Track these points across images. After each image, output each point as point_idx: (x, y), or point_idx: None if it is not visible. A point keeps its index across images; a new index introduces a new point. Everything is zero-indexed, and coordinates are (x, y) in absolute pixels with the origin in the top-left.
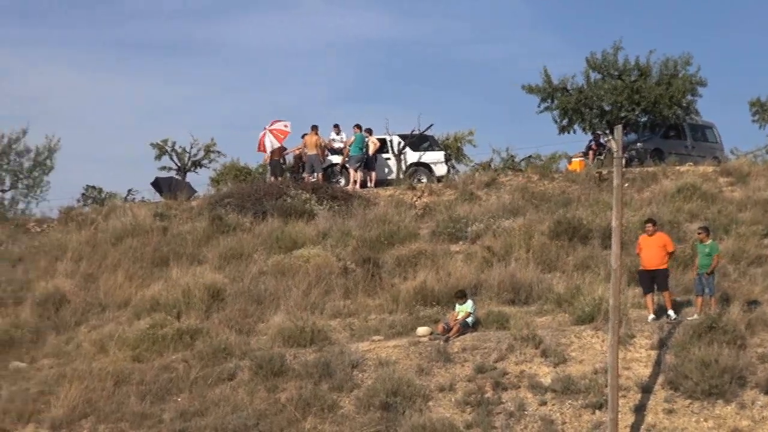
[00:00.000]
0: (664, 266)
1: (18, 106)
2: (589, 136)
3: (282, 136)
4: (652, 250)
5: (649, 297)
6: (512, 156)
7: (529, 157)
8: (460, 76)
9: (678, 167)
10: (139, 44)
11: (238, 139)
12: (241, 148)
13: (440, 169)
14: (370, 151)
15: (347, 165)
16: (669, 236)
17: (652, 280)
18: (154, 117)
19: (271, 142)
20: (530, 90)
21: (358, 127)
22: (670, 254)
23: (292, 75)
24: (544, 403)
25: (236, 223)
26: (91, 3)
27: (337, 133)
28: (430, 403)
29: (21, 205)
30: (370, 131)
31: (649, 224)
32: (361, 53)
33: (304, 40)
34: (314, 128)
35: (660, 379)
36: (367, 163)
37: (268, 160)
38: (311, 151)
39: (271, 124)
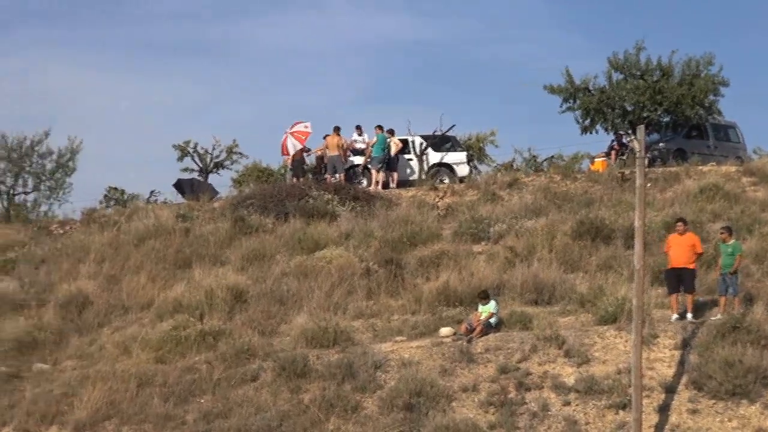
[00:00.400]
0: (692, 266)
1: (40, 107)
2: (612, 136)
3: (303, 137)
4: (680, 249)
5: (674, 297)
6: (534, 156)
7: (552, 157)
8: (482, 76)
9: (701, 167)
10: (162, 45)
11: (260, 141)
12: (263, 150)
13: (462, 170)
14: (392, 152)
15: (369, 166)
16: (699, 237)
17: (678, 280)
18: (176, 118)
19: (293, 145)
20: (552, 90)
21: (380, 128)
22: (699, 255)
23: (314, 76)
24: (567, 404)
25: (258, 225)
26: (115, 3)
27: (359, 134)
28: (454, 404)
29: (44, 207)
30: (392, 132)
31: (680, 223)
32: (382, 54)
33: (325, 40)
34: (336, 129)
35: (684, 379)
36: (389, 163)
37: (289, 162)
38: (333, 152)
39: (292, 127)
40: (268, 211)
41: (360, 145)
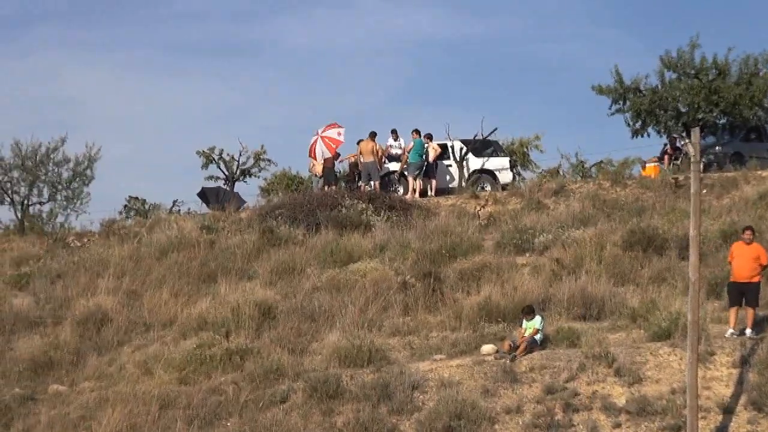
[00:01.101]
0: (756, 280)
1: (57, 111)
2: (664, 140)
3: (334, 146)
4: (744, 261)
5: (733, 311)
6: (582, 161)
7: (600, 162)
8: (525, 77)
9: (759, 172)
10: (186, 46)
11: (289, 146)
12: (293, 156)
13: (505, 176)
14: (430, 158)
15: (406, 173)
16: (764, 248)
17: (740, 294)
18: (201, 123)
19: (322, 151)
20: (601, 91)
21: (417, 132)
22: (763, 268)
23: (347, 77)
24: (618, 426)
25: (288, 236)
26: (135, 2)
27: (395, 139)
28: (497, 427)
29: (60, 218)
30: (429, 137)
31: (748, 231)
32: (419, 53)
33: (359, 40)
34: (371, 134)
35: (742, 399)
36: (427, 170)
37: (313, 168)
38: (367, 159)
39: (324, 130)
40: (298, 222)
41: (396, 151)
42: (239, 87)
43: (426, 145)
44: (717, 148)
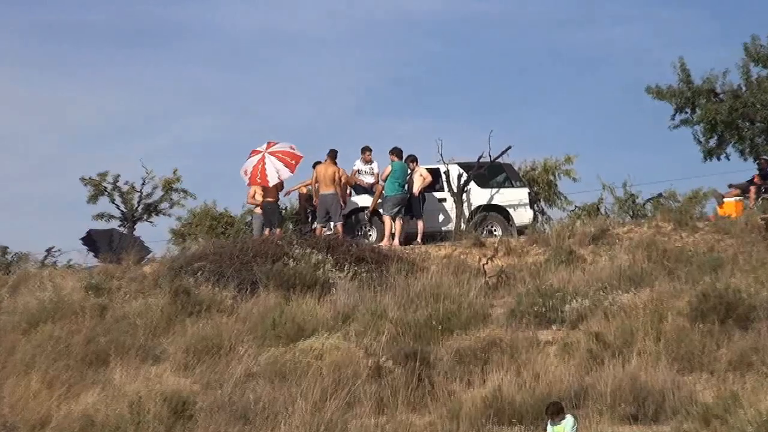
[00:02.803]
0: None
1: None
2: (753, 165)
3: (294, 162)
4: None
5: None
6: (632, 195)
7: (659, 196)
8: (550, 74)
9: None
10: (61, 28)
11: (214, 172)
12: (220, 185)
13: (522, 215)
14: (415, 189)
15: (381, 210)
16: None
17: None
18: (88, 138)
19: (277, 170)
20: (659, 94)
21: (397, 152)
22: None
23: (300, 74)
24: None
25: (211, 300)
26: None
27: (366, 162)
28: None
29: None
30: (414, 159)
31: None
32: (399, 40)
33: (316, 22)
34: (331, 154)
35: None
36: (411, 206)
37: (254, 200)
38: (326, 189)
39: (269, 147)
40: (226, 280)
41: (367, 179)
42: (144, 88)
43: (410, 170)
44: None
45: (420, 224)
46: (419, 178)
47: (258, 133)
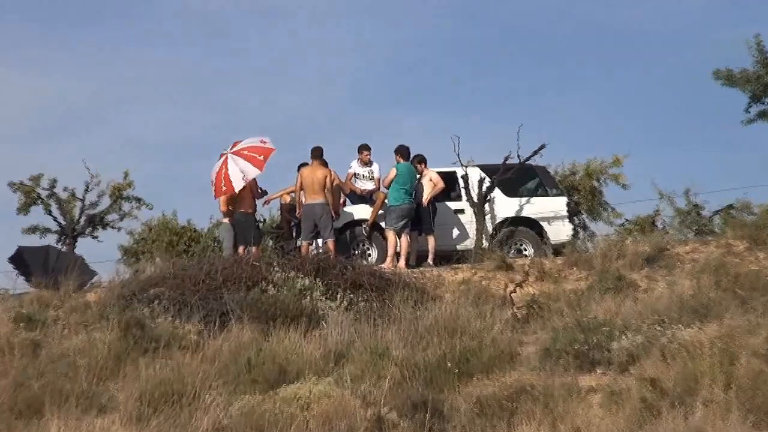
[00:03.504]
0: None
1: None
2: None
3: (262, 157)
4: None
5: None
6: (696, 206)
7: (729, 207)
8: (593, 56)
9: None
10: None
11: (175, 175)
12: (182, 192)
13: (560, 230)
14: (424, 198)
15: (384, 224)
16: None
17: None
18: (17, 133)
19: (241, 171)
20: (730, 80)
21: (402, 152)
22: None
23: (280, 57)
24: None
25: (171, 335)
26: None
27: (365, 163)
28: None
29: None
30: (423, 160)
31: None
32: (406, 15)
33: None
34: (316, 154)
35: None
36: (419, 219)
37: (224, 209)
38: (313, 198)
39: (233, 147)
40: (189, 310)
41: (365, 184)
42: (87, 71)
43: (418, 174)
44: None
45: (431, 241)
46: (430, 184)
47: (230, 129)
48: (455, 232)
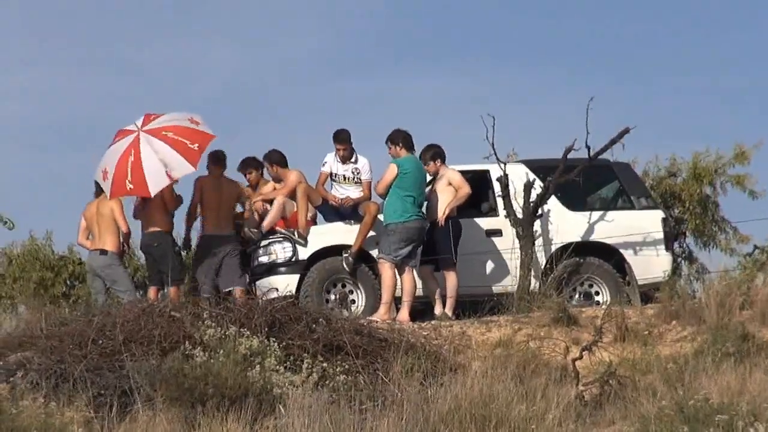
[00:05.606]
0: None
1: None
2: None
3: (197, 147)
4: None
5: None
6: None
7: None
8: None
9: None
10: None
11: (44, 177)
12: (57, 205)
13: (651, 263)
14: (440, 211)
15: (379, 255)
16: None
17: None
18: None
19: (163, 164)
20: None
21: (404, 141)
22: None
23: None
24: None
25: (44, 425)
26: None
27: (344, 158)
28: None
29: None
30: (439, 154)
31: None
32: None
33: None
34: (215, 160)
35: None
36: (433, 244)
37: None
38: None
39: (146, 122)
40: (72, 387)
41: (347, 190)
42: None
43: (430, 175)
44: None
45: (451, 278)
46: (449, 191)
47: (131, 104)
48: (489, 266)
